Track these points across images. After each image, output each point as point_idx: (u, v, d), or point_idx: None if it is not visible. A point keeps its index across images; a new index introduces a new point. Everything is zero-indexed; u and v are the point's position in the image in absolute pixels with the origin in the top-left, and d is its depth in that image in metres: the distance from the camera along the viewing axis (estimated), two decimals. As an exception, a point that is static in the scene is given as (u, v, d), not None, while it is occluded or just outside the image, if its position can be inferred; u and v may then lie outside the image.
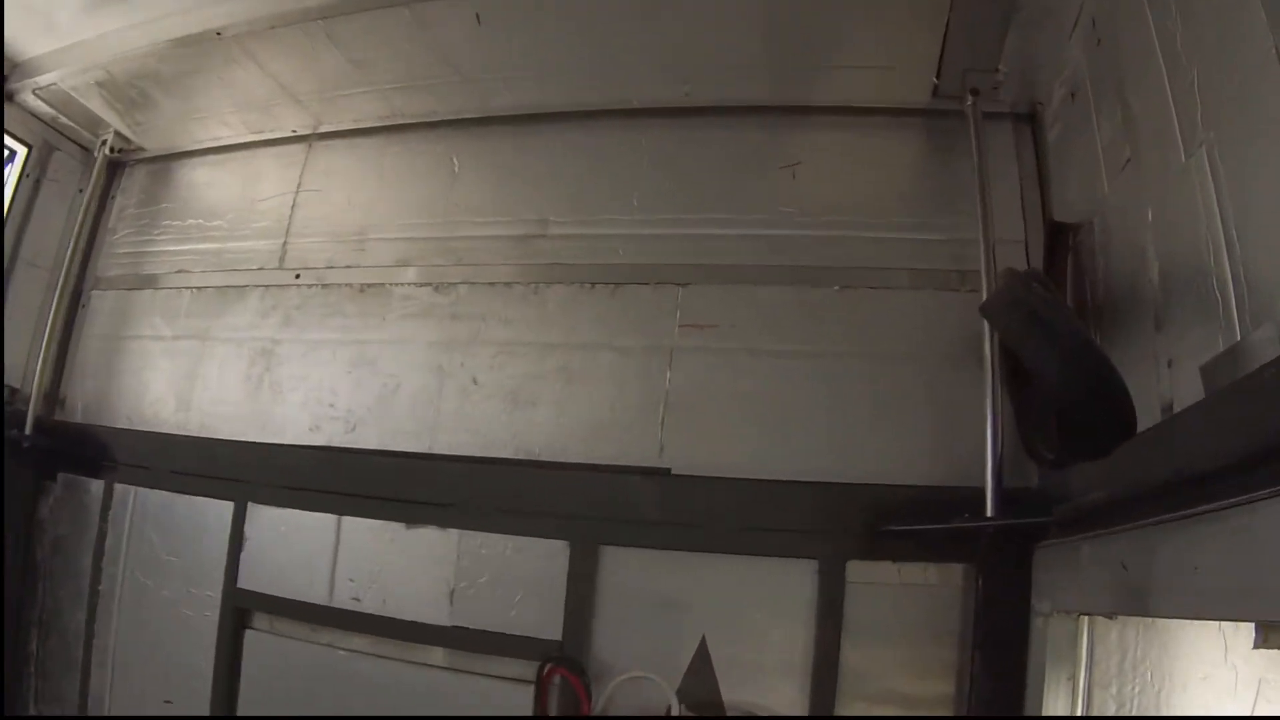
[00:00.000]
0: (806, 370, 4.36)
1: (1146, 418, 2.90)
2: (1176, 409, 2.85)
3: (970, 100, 4.36)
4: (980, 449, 3.81)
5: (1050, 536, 3.54)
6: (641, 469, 4.36)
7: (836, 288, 4.43)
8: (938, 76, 4.40)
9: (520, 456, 4.58)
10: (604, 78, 4.83)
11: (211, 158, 5.99)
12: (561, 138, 5.09)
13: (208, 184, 5.97)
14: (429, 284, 5.04)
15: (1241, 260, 2.52)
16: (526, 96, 5.02)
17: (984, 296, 3.90)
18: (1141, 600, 2.71)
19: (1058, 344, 3.15)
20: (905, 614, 3.95)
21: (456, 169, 5.23)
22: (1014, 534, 3.69)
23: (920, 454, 4.13)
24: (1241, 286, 2.52)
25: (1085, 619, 3.35)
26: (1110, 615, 3.19)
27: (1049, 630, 3.46)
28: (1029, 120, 4.53)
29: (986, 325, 3.86)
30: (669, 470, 4.34)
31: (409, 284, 5.08)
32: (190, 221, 5.88)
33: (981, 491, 3.74)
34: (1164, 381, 2.99)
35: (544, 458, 4.55)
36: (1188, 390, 2.74)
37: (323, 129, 5.59)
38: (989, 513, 3.72)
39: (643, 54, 4.61)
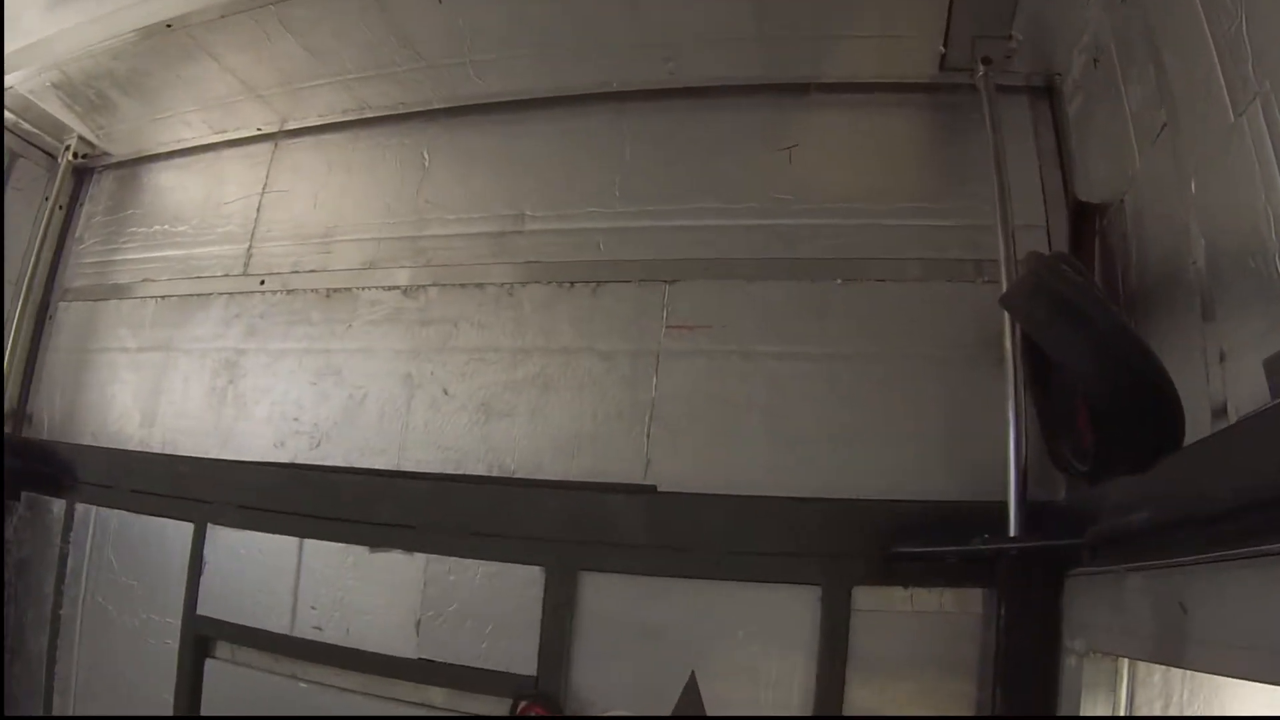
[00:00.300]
0: (807, 374, 3.86)
1: (1194, 420, 2.43)
2: (1231, 411, 2.39)
3: (982, 70, 3.87)
4: (1001, 459, 3.33)
5: (1084, 563, 3.00)
6: (625, 486, 3.87)
7: (839, 281, 3.93)
8: (945, 45, 3.90)
9: (493, 473, 4.10)
10: (579, 58, 4.34)
11: (178, 160, 5.55)
12: (537, 126, 4.62)
13: (173, 188, 5.53)
14: (397, 287, 4.56)
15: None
16: (497, 83, 4.54)
17: (1003, 287, 3.43)
18: (1208, 654, 2.17)
19: (1092, 333, 2.63)
20: (917, 645, 3.45)
21: (427, 163, 4.76)
22: (1041, 557, 3.19)
23: (934, 465, 3.64)
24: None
25: (1125, 659, 2.86)
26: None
27: (1083, 671, 2.94)
28: (1046, 94, 4.03)
29: (1007, 319, 3.39)
30: (655, 487, 3.85)
31: (376, 287, 4.61)
32: (156, 228, 5.44)
33: (1003, 507, 3.28)
34: (1214, 379, 2.50)
35: (519, 474, 4.07)
36: (1246, 388, 2.29)
37: (289, 125, 5.13)
38: (1011, 532, 3.25)
39: (621, 29, 4.11)
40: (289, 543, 4.27)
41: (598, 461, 3.96)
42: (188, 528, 4.54)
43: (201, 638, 4.40)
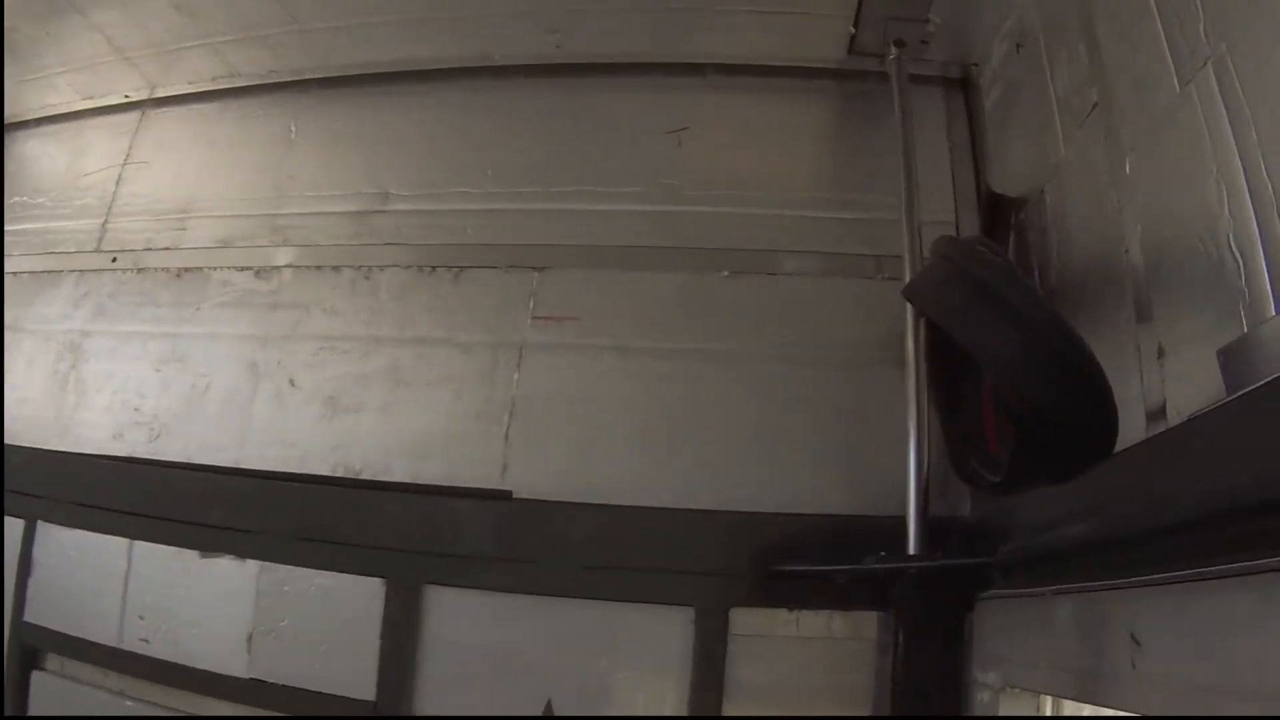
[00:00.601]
0: (685, 373, 3.30)
1: (1126, 425, 2.01)
2: (1172, 412, 2.00)
3: (894, 53, 3.39)
4: (901, 470, 2.81)
5: (994, 584, 2.52)
6: (477, 491, 3.25)
7: (725, 273, 3.41)
8: (855, 25, 3.40)
9: (338, 474, 3.45)
10: (460, 27, 3.77)
11: (44, 128, 4.83)
12: (411, 99, 4.01)
13: (37, 157, 4.82)
14: (250, 268, 3.90)
15: (1277, 204, 1.68)
16: (373, 51, 3.95)
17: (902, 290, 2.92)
18: (1169, 696, 1.66)
19: (1013, 318, 2.13)
20: (803, 673, 2.94)
21: (294, 136, 4.12)
22: (944, 578, 2.69)
23: (826, 476, 3.13)
24: (1277, 241, 1.68)
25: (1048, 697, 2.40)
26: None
27: (998, 709, 2.48)
28: (961, 86, 3.60)
29: (910, 315, 2.89)
30: (510, 493, 3.23)
31: (228, 267, 3.95)
32: (15, 199, 4.72)
33: (902, 522, 2.76)
34: (1151, 377, 2.11)
35: (365, 475, 3.43)
36: (1190, 386, 1.92)
37: (158, 93, 4.47)
38: (911, 549, 2.73)
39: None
40: (119, 544, 3.60)
41: (450, 464, 3.34)
42: (19, 525, 3.83)
43: (29, 648, 3.71)
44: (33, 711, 3.63)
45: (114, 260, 4.18)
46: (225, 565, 3.38)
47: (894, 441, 2.87)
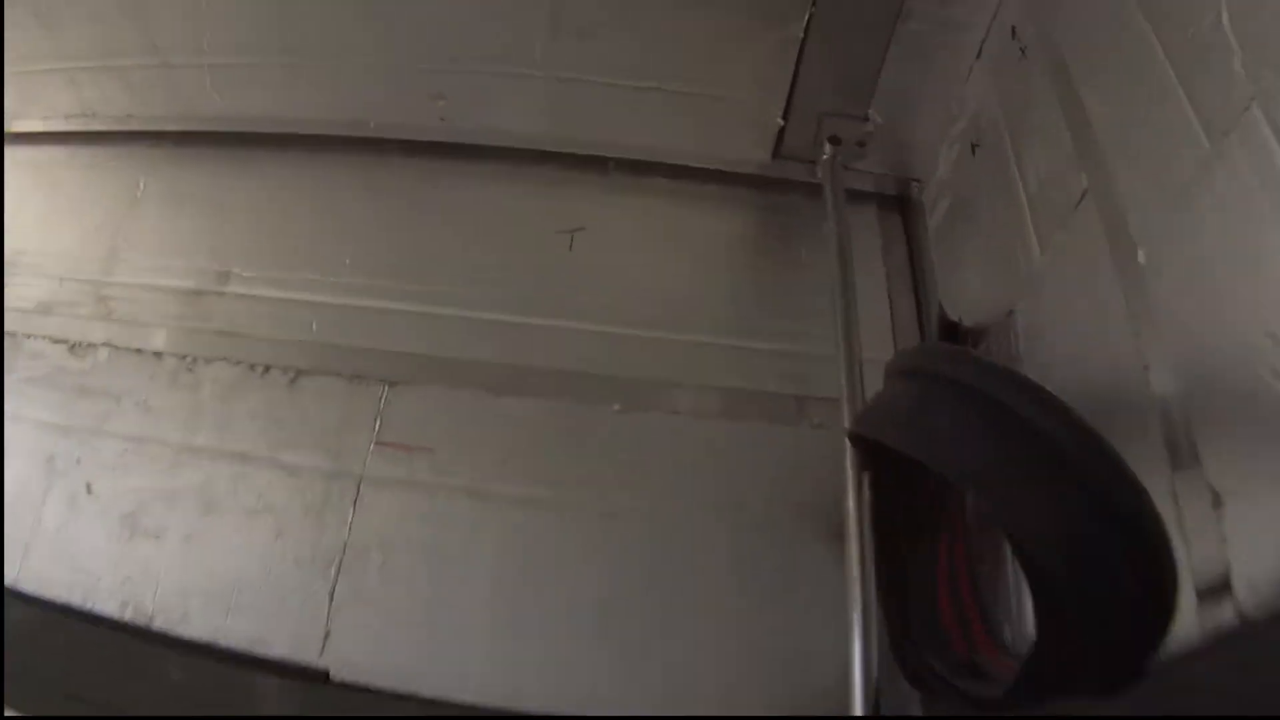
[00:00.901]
0: (559, 531, 2.39)
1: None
2: (1239, 583, 1.19)
3: (828, 152, 2.61)
4: (841, 672, 1.78)
5: None
6: (286, 666, 2.30)
7: (616, 407, 2.53)
8: (785, 117, 2.62)
9: (126, 614, 2.49)
10: (337, 78, 2.93)
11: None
12: (274, 168, 3.12)
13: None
14: (65, 340, 2.96)
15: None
16: (238, 105, 3.07)
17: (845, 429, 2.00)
18: None
19: (1036, 449, 1.24)
20: None
21: (140, 193, 3.21)
22: None
23: (735, 674, 2.19)
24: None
25: None
26: None
27: None
28: (898, 204, 2.83)
29: (850, 469, 1.88)
30: (327, 674, 2.29)
31: (44, 337, 2.99)
32: None
33: None
34: (1202, 536, 1.28)
35: (158, 623, 2.46)
36: (1269, 544, 1.16)
37: (13, 127, 3.49)
38: None
39: (387, 52, 2.79)
40: None
41: (261, 622, 2.38)
42: None
43: None
44: None
45: (-78, 316, 3.24)
46: (-28, 714, 2.43)
47: (831, 637, 1.87)
